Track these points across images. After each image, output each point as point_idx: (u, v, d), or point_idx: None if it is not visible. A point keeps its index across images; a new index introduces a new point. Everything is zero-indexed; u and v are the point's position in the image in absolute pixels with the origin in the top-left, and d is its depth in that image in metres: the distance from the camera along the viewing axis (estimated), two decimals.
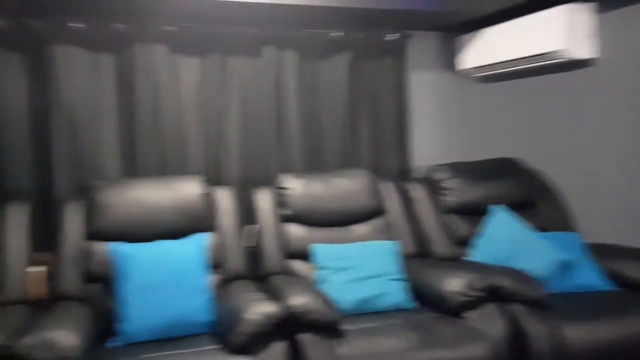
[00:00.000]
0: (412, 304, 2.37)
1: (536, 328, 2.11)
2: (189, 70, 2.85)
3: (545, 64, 2.82)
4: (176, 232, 2.38)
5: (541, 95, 3.03)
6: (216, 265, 2.43)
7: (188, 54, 2.84)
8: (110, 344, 2.08)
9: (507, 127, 3.30)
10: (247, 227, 2.60)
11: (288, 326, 1.97)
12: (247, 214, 2.73)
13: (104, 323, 2.17)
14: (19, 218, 2.33)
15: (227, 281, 2.42)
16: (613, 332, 2.12)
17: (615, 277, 2.45)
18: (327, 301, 2.05)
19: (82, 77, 2.67)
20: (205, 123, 2.87)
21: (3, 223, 2.29)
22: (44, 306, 2.27)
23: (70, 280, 2.28)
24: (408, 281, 2.44)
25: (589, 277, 2.46)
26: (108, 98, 2.75)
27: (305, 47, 2.97)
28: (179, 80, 2.83)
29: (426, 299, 2.36)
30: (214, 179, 2.81)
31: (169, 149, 2.80)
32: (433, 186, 2.90)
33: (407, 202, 2.83)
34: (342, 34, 2.97)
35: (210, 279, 2.31)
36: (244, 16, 2.73)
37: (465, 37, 3.15)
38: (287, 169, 2.89)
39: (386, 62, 3.11)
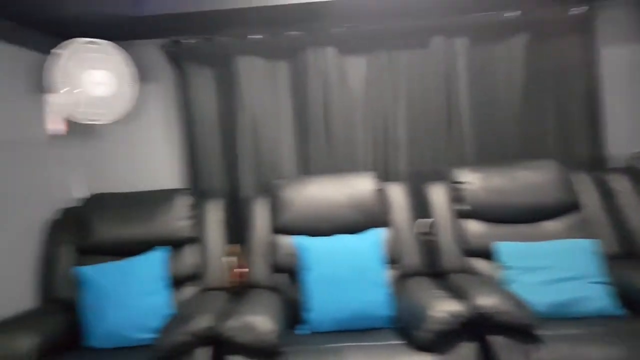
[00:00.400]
0: (620, 311, 2.07)
1: None
2: (356, 69, 2.89)
3: None
4: (353, 227, 2.42)
5: None
6: (392, 260, 2.41)
7: (355, 53, 2.88)
8: (298, 331, 2.20)
9: None
10: (419, 220, 2.54)
11: (476, 327, 1.87)
12: (419, 209, 2.68)
13: (291, 311, 2.30)
14: (216, 214, 2.60)
15: (403, 277, 2.39)
16: None
17: None
18: (519, 302, 1.89)
19: (261, 84, 2.88)
20: (373, 119, 2.89)
21: (204, 219, 2.57)
22: (238, 293, 2.50)
23: (260, 270, 2.47)
24: (613, 285, 2.14)
25: None
26: (284, 102, 2.93)
27: (476, 32, 2.80)
28: (347, 80, 2.89)
29: (638, 305, 2.04)
30: (383, 175, 2.82)
31: (339, 146, 2.88)
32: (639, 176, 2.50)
33: (606, 195, 2.48)
34: (518, 13, 2.73)
35: (387, 274, 2.30)
36: (409, 8, 2.67)
37: None
38: (459, 162, 2.76)
39: (571, 39, 2.77)
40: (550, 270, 2.15)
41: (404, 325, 2.08)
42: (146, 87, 2.98)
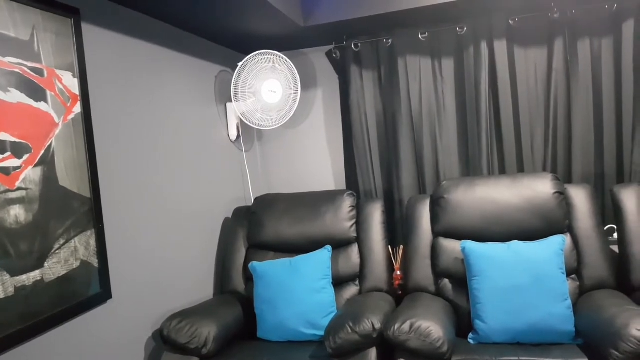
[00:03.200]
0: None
1: None
2: (528, 63, 2.70)
3: None
4: (528, 233, 2.25)
5: None
6: (573, 270, 2.20)
7: (527, 45, 2.69)
8: (469, 339, 2.10)
9: None
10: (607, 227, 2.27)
11: None
12: (603, 214, 2.40)
13: (456, 318, 2.21)
14: (376, 215, 2.59)
15: (587, 289, 2.16)
16: None
17: None
18: None
19: (425, 83, 2.84)
20: (546, 117, 2.68)
21: (365, 220, 2.58)
22: (400, 296, 2.47)
23: (421, 273, 2.41)
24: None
25: None
26: (448, 100, 2.84)
27: None
28: (517, 75, 2.71)
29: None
30: (561, 176, 2.62)
31: (509, 145, 2.72)
32: None
33: None
34: None
35: (569, 285, 2.09)
36: None
37: None
38: None
39: None
40: None
41: (591, 343, 1.87)
42: (311, 92, 3.13)
